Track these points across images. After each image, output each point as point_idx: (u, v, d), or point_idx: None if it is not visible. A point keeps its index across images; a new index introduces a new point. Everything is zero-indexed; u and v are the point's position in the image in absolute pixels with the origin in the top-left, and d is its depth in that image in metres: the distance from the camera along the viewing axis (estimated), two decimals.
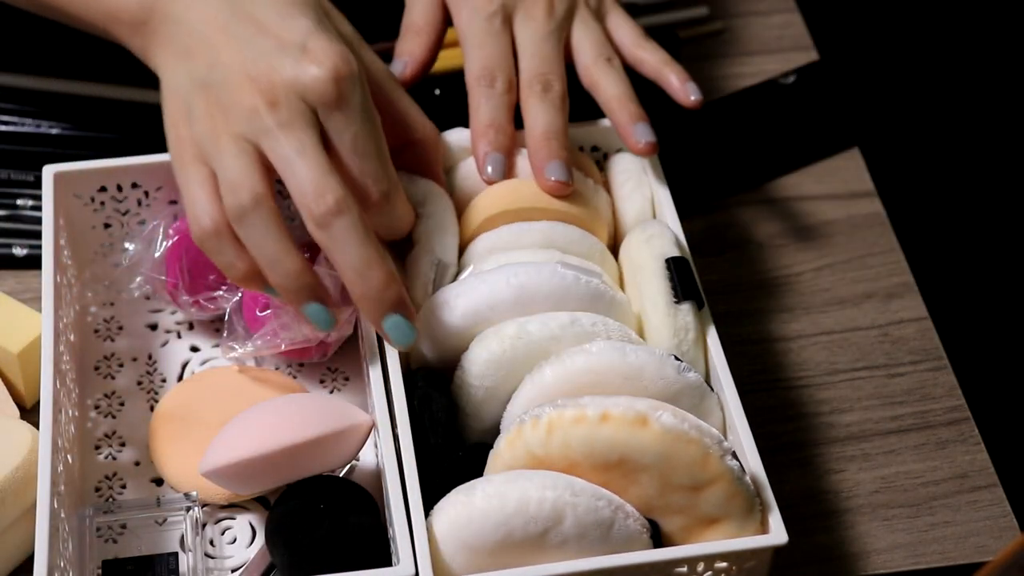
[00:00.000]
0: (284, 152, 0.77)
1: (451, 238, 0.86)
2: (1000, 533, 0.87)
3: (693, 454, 0.75)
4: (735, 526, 0.77)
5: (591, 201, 0.89)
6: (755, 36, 1.16)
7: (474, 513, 0.75)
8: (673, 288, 0.84)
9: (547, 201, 0.88)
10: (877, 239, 1.03)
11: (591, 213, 0.89)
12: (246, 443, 0.80)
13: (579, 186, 0.89)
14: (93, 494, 0.87)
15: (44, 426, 0.79)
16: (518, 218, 0.87)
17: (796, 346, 0.97)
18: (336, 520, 0.80)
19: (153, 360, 0.93)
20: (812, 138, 1.09)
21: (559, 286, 0.82)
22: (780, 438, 0.92)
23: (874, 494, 0.89)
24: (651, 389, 0.79)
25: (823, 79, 1.11)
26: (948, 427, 0.93)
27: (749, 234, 1.03)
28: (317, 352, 0.90)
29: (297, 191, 0.77)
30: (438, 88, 1.07)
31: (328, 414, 0.81)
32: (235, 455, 0.79)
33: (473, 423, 0.83)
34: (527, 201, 0.87)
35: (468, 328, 0.83)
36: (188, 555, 0.82)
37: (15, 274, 0.98)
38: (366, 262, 0.78)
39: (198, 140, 0.79)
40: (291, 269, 0.78)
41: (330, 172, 0.77)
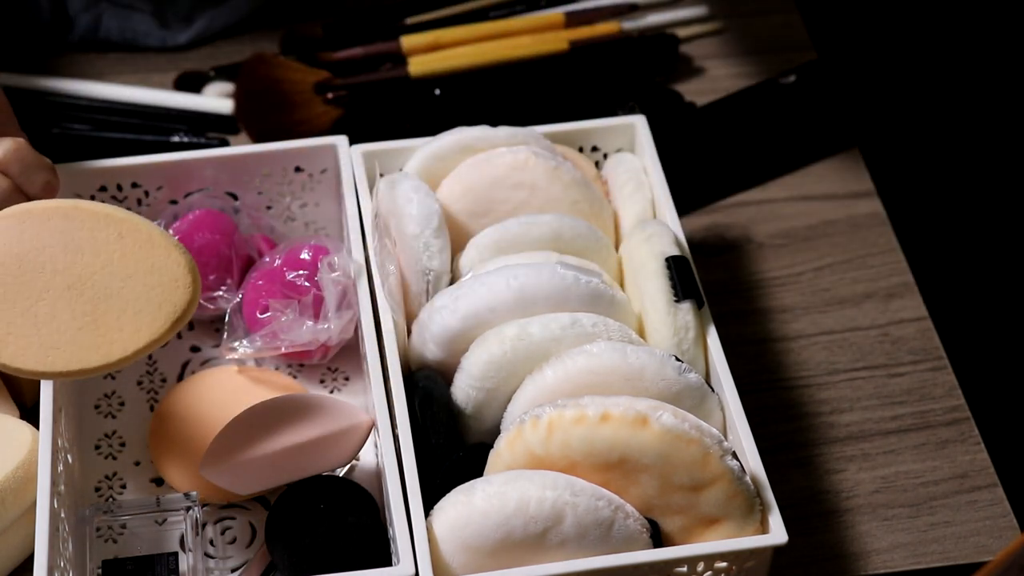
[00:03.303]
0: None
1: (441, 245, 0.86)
2: (1000, 533, 0.87)
3: (693, 454, 0.75)
4: (735, 526, 0.77)
5: (594, 205, 0.90)
6: (755, 36, 1.16)
7: (474, 513, 0.75)
8: (673, 287, 0.84)
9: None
10: (877, 239, 1.03)
11: (595, 214, 0.89)
12: (246, 443, 0.80)
13: (583, 191, 0.89)
14: (93, 494, 0.87)
15: (44, 426, 0.79)
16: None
17: (796, 346, 0.97)
18: (336, 520, 0.80)
19: (153, 360, 0.93)
20: (812, 138, 1.09)
21: (559, 287, 0.82)
22: (780, 438, 0.92)
23: (874, 494, 0.89)
24: (652, 390, 0.79)
25: (823, 79, 1.11)
26: (948, 427, 0.93)
27: (749, 234, 1.03)
28: (317, 353, 0.90)
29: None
30: (438, 88, 1.07)
31: (328, 414, 0.81)
32: (235, 455, 0.79)
33: (473, 424, 0.83)
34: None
35: (469, 330, 0.83)
36: (188, 555, 0.82)
37: None
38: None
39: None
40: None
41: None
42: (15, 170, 0.79)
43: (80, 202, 0.77)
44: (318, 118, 1.05)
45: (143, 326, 0.75)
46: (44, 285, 0.75)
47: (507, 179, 0.89)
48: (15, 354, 0.75)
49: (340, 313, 0.87)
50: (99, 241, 0.76)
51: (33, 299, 0.75)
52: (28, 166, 0.80)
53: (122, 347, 0.75)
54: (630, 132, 0.95)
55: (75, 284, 0.75)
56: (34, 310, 0.75)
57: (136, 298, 0.75)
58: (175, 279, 0.76)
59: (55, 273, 0.75)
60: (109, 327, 0.75)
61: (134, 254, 0.76)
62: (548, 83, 1.09)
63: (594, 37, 1.12)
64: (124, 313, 0.75)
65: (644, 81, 1.11)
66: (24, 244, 0.76)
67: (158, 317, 0.75)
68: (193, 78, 1.10)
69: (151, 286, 0.76)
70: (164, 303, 0.76)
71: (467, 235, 0.89)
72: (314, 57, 1.09)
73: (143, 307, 0.75)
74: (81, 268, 0.75)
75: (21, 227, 0.76)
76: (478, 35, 1.11)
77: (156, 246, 0.76)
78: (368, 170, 0.92)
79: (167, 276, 0.76)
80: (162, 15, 1.12)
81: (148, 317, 0.75)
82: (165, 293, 0.76)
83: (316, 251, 0.90)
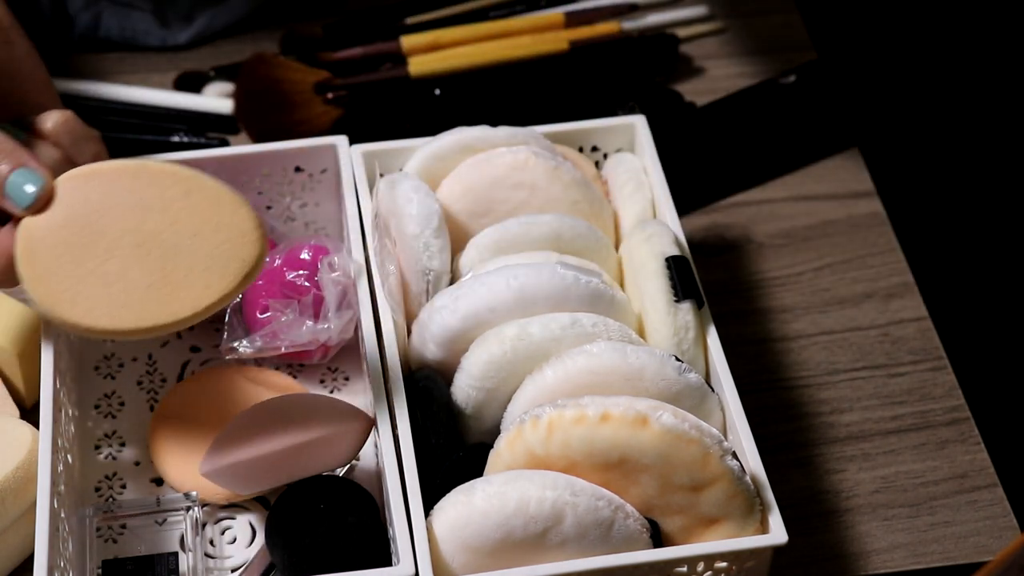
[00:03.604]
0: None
1: (441, 244, 0.86)
2: (1000, 533, 0.87)
3: (693, 454, 0.75)
4: (735, 526, 0.77)
5: (594, 205, 0.90)
6: (755, 36, 1.16)
7: (474, 513, 0.75)
8: (673, 287, 0.84)
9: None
10: (877, 239, 1.03)
11: (595, 215, 0.89)
12: (246, 443, 0.80)
13: (583, 191, 0.89)
14: (93, 494, 0.87)
15: (44, 426, 0.79)
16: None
17: (796, 346, 0.97)
18: (336, 520, 0.80)
19: (153, 360, 0.93)
20: (812, 138, 1.09)
21: (559, 287, 0.82)
22: (780, 438, 0.92)
23: (874, 494, 0.89)
24: (652, 390, 0.79)
25: (823, 79, 1.11)
26: (948, 427, 0.93)
27: (749, 234, 1.03)
28: (317, 353, 0.90)
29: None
30: (438, 88, 1.07)
31: (328, 414, 0.81)
32: (235, 455, 0.79)
33: (473, 424, 0.83)
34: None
35: (468, 330, 0.83)
36: (188, 555, 0.82)
37: None
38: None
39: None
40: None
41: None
42: (66, 141, 0.79)
43: (147, 161, 0.77)
44: (318, 118, 1.05)
45: (213, 282, 0.75)
46: (112, 244, 0.75)
47: (507, 179, 0.89)
48: (85, 313, 0.74)
49: (340, 313, 0.87)
50: (166, 199, 0.75)
51: (101, 258, 0.75)
52: (78, 137, 0.80)
53: (192, 304, 0.74)
54: (630, 132, 0.95)
55: (143, 242, 0.75)
56: (102, 269, 0.74)
57: (205, 254, 0.75)
58: (243, 234, 0.75)
59: (123, 232, 0.75)
60: (179, 284, 0.74)
61: (202, 211, 0.75)
62: (548, 83, 1.09)
63: (594, 37, 1.12)
64: (193, 270, 0.75)
65: (644, 81, 1.11)
66: (91, 204, 0.75)
67: (227, 273, 0.75)
68: (193, 78, 1.10)
69: (219, 242, 0.75)
70: (233, 259, 0.75)
71: (467, 235, 0.89)
72: (314, 57, 1.09)
73: (212, 263, 0.75)
74: (149, 226, 0.75)
75: (87, 188, 0.76)
76: (478, 35, 1.11)
77: (223, 203, 0.76)
78: (368, 170, 0.92)
79: (235, 232, 0.75)
80: (162, 14, 1.12)
81: (217, 273, 0.75)
82: (234, 249, 0.75)
83: (316, 251, 0.90)
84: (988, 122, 1.52)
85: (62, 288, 0.74)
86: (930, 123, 1.51)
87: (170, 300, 0.74)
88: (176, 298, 0.74)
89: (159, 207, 0.75)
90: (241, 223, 0.75)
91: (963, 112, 1.52)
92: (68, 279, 0.74)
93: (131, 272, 0.74)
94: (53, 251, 0.75)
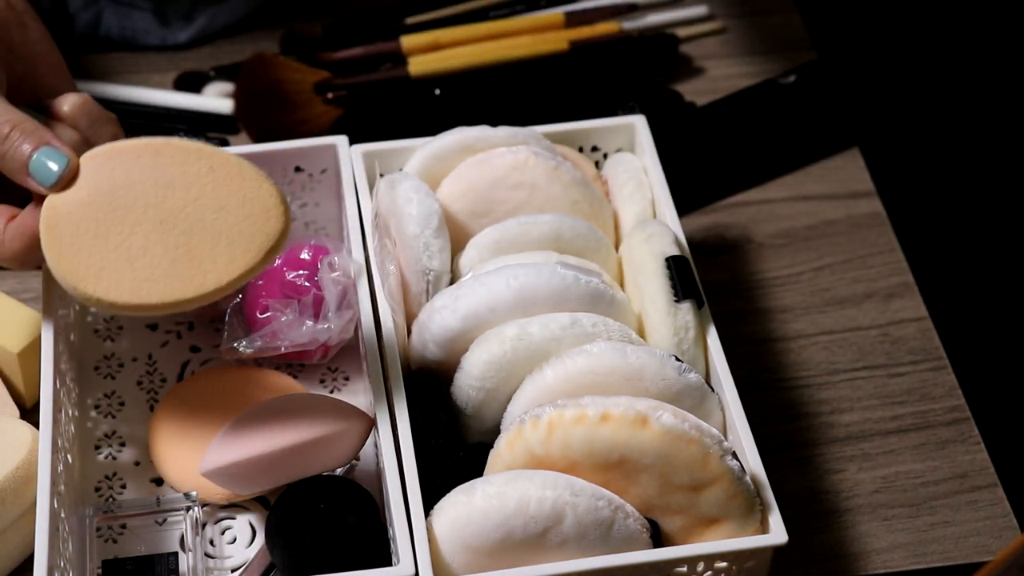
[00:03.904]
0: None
1: (441, 244, 0.86)
2: (1000, 533, 0.87)
3: (693, 454, 0.75)
4: (735, 526, 0.77)
5: (594, 205, 0.90)
6: (755, 36, 1.16)
7: (474, 513, 0.75)
8: (673, 287, 0.84)
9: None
10: (877, 239, 1.03)
11: (595, 215, 0.89)
12: (246, 443, 0.80)
13: (583, 191, 0.89)
14: (93, 494, 0.87)
15: (44, 426, 0.79)
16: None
17: (796, 346, 0.97)
18: (336, 520, 0.80)
19: (153, 360, 0.93)
20: (812, 138, 1.09)
21: (559, 287, 0.82)
22: (780, 438, 0.92)
23: (874, 494, 0.89)
24: (652, 390, 0.79)
25: (823, 79, 1.11)
26: (948, 427, 0.93)
27: (749, 234, 1.03)
28: (317, 353, 0.90)
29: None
30: (438, 88, 1.07)
31: (328, 414, 0.81)
32: (235, 455, 0.79)
33: (473, 423, 0.83)
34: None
35: (468, 330, 0.83)
36: (188, 555, 0.82)
37: (15, 274, 0.98)
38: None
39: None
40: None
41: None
42: (83, 124, 0.79)
43: (169, 138, 0.77)
44: (318, 118, 1.05)
45: (237, 256, 0.75)
46: (136, 220, 0.75)
47: (507, 179, 0.89)
48: (109, 288, 0.74)
49: (340, 313, 0.87)
50: (190, 175, 0.76)
51: (125, 234, 0.74)
52: (95, 119, 0.80)
53: (216, 277, 0.74)
54: (630, 132, 0.95)
55: (167, 218, 0.75)
56: (127, 244, 0.74)
57: (229, 229, 0.75)
58: (267, 209, 0.75)
59: (147, 208, 0.75)
60: (203, 258, 0.74)
61: (225, 186, 0.75)
62: (548, 83, 1.09)
63: (594, 37, 1.12)
64: (217, 244, 0.75)
65: (644, 81, 1.11)
66: (115, 181, 0.75)
67: (251, 247, 0.75)
68: (193, 78, 1.10)
69: (243, 217, 0.75)
70: (257, 233, 0.75)
71: (467, 235, 0.89)
72: (314, 57, 1.09)
73: (236, 238, 0.75)
74: (173, 202, 0.75)
75: (111, 164, 0.76)
76: (478, 35, 1.11)
77: (247, 178, 0.76)
78: (368, 170, 0.92)
79: (259, 207, 0.75)
80: (162, 13, 1.12)
81: (242, 247, 0.75)
82: (258, 223, 0.75)
83: (316, 251, 0.90)
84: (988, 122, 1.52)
85: (86, 264, 0.74)
86: (930, 123, 1.51)
87: (194, 274, 0.74)
88: (200, 272, 0.74)
89: (182, 183, 0.76)
90: (265, 198, 0.75)
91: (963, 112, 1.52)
92: (92, 255, 0.74)
93: (155, 247, 0.75)
94: (77, 227, 0.75)
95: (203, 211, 0.75)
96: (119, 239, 0.75)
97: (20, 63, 0.81)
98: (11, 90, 0.79)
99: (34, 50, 0.82)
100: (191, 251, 0.75)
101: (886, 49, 1.56)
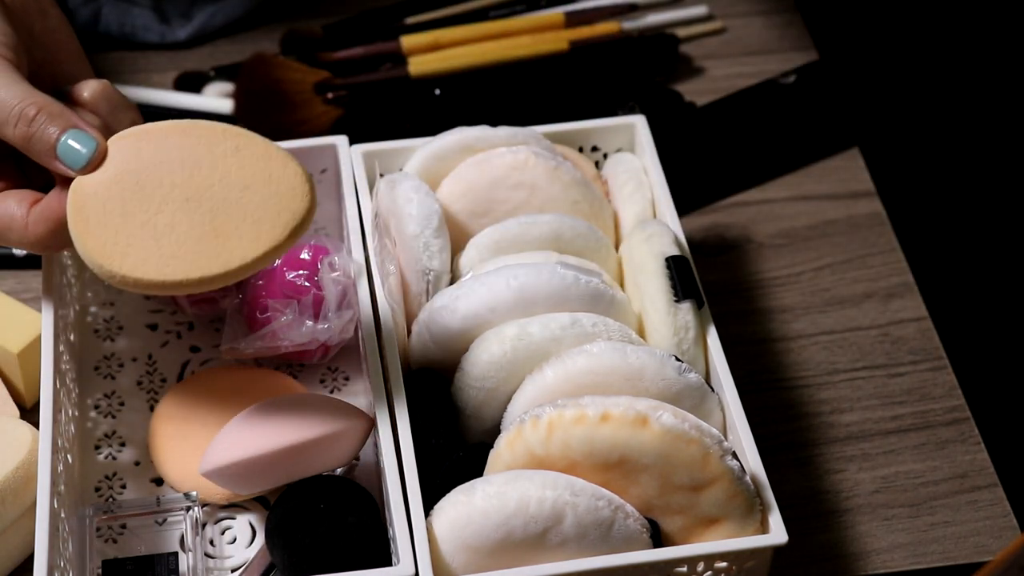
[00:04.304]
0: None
1: (441, 244, 0.86)
2: (1000, 533, 0.87)
3: (693, 454, 0.75)
4: (735, 526, 0.77)
5: (594, 205, 0.90)
6: (755, 36, 1.16)
7: (474, 513, 0.75)
8: (673, 287, 0.84)
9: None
10: (877, 239, 1.03)
11: (595, 214, 0.89)
12: (246, 443, 0.80)
13: (583, 191, 0.89)
14: (93, 494, 0.87)
15: (44, 426, 0.79)
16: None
17: (796, 346, 0.97)
18: (336, 520, 0.80)
19: (153, 360, 0.93)
20: (812, 138, 1.09)
21: (559, 287, 0.82)
22: (780, 438, 0.92)
23: (874, 494, 0.89)
24: (652, 390, 0.79)
25: (823, 79, 1.11)
26: (948, 427, 0.93)
27: (749, 234, 1.03)
28: (317, 353, 0.90)
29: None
30: (438, 88, 1.07)
31: (328, 414, 0.81)
32: (235, 455, 0.79)
33: (473, 423, 0.83)
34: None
35: (469, 330, 0.83)
36: (188, 555, 0.82)
37: (15, 274, 0.98)
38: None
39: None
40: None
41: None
42: (104, 109, 0.79)
43: (197, 120, 0.77)
44: (318, 118, 1.05)
45: (262, 234, 0.74)
46: (162, 198, 0.75)
47: (507, 179, 0.89)
48: (135, 265, 0.74)
49: (340, 313, 0.87)
50: (216, 155, 0.76)
51: (152, 212, 0.74)
52: (116, 106, 0.80)
53: (241, 254, 0.74)
54: (630, 132, 0.95)
55: (193, 196, 0.75)
56: (152, 222, 0.74)
57: (255, 207, 0.75)
58: (292, 188, 0.75)
59: (173, 187, 0.75)
60: (228, 236, 0.74)
61: (251, 166, 0.75)
62: (548, 83, 1.09)
63: (594, 37, 1.12)
64: (243, 222, 0.74)
65: (644, 81, 1.11)
66: (142, 161, 0.75)
67: (277, 225, 0.74)
68: (193, 78, 1.10)
69: (269, 195, 0.75)
70: (283, 211, 0.75)
71: (467, 235, 0.89)
72: (314, 57, 1.09)
73: (262, 216, 0.75)
74: (199, 180, 0.75)
75: (138, 145, 0.76)
76: (478, 35, 1.11)
77: (273, 158, 0.76)
78: (368, 170, 0.92)
79: (285, 185, 0.75)
80: (161, 10, 1.12)
81: (267, 225, 0.74)
82: (283, 202, 0.75)
83: (316, 251, 0.90)
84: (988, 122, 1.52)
85: (112, 242, 0.74)
86: (930, 123, 1.51)
87: (220, 251, 0.74)
88: (226, 249, 0.74)
89: (209, 162, 0.76)
90: (291, 177, 0.75)
91: (963, 112, 1.52)
92: (117, 233, 0.74)
93: (181, 225, 0.74)
94: (103, 206, 0.75)
95: (229, 190, 0.75)
96: (145, 217, 0.74)
97: (40, 50, 0.81)
98: (31, 77, 0.78)
99: (54, 37, 0.82)
100: (217, 229, 0.74)
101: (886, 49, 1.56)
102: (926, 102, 1.52)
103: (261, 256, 0.74)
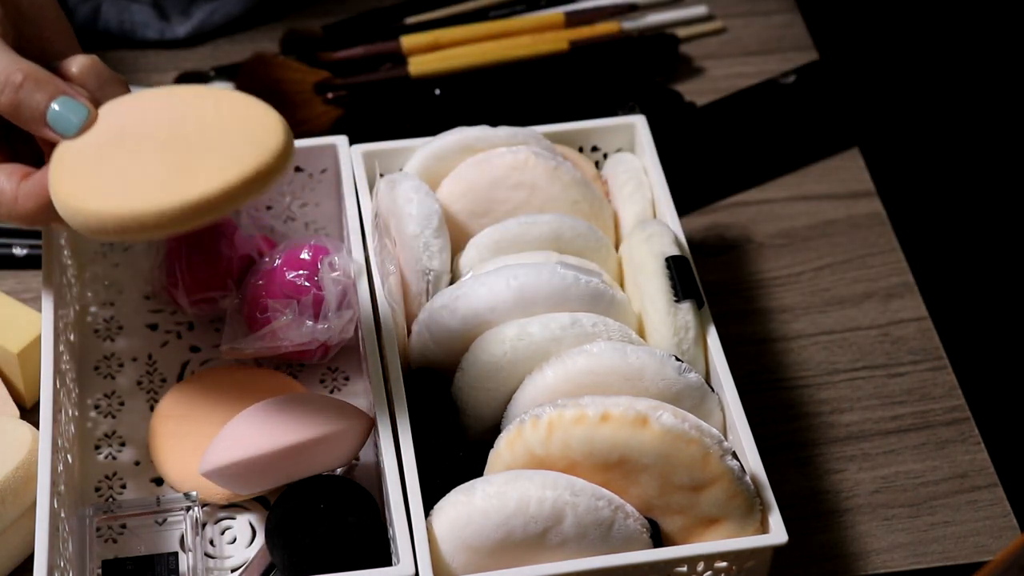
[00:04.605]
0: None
1: (441, 244, 0.86)
2: (1000, 533, 0.87)
3: (693, 454, 0.75)
4: (735, 526, 0.77)
5: (594, 205, 0.90)
6: (755, 36, 1.16)
7: (474, 513, 0.75)
8: (673, 287, 0.84)
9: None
10: (877, 239, 1.03)
11: (595, 214, 0.89)
12: (246, 443, 0.80)
13: (583, 191, 0.89)
14: (93, 494, 0.87)
15: (44, 426, 0.79)
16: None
17: (796, 346, 0.97)
18: (336, 520, 0.80)
19: (153, 360, 0.93)
20: (812, 138, 1.09)
21: (559, 287, 0.82)
22: (780, 438, 0.92)
23: (874, 494, 0.89)
24: (652, 390, 0.79)
25: (823, 79, 1.11)
26: (948, 427, 0.93)
27: (749, 234, 1.03)
28: (317, 353, 0.90)
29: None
30: (438, 88, 1.07)
31: (328, 414, 0.81)
32: (235, 455, 0.79)
33: (473, 423, 0.83)
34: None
35: (469, 330, 0.83)
36: (188, 555, 0.82)
37: (15, 274, 0.98)
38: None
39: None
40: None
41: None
42: (92, 84, 0.79)
43: (187, 85, 0.77)
44: (318, 118, 1.05)
45: (228, 168, 0.73)
46: (139, 147, 0.75)
47: (507, 179, 0.89)
48: (99, 201, 0.73)
49: (340, 313, 0.87)
50: (198, 111, 0.76)
51: (127, 160, 0.74)
52: (104, 81, 0.80)
53: (204, 187, 0.72)
54: (630, 132, 0.95)
55: (170, 142, 0.75)
56: (126, 167, 0.74)
57: (226, 147, 0.74)
58: (266, 129, 0.74)
59: (152, 138, 0.75)
60: (196, 172, 0.73)
61: (231, 116, 0.75)
62: (548, 83, 1.09)
63: (594, 37, 1.12)
64: (212, 159, 0.73)
65: (644, 81, 1.11)
66: (127, 118, 0.76)
67: (244, 159, 0.73)
68: (193, 78, 1.10)
69: (242, 136, 0.74)
70: (254, 149, 0.73)
71: (467, 235, 0.89)
72: (314, 57, 1.09)
73: (230, 152, 0.73)
74: (179, 131, 0.75)
75: (122, 109, 0.76)
76: (478, 35, 1.11)
77: (252, 107, 0.75)
78: (368, 170, 0.92)
79: (259, 128, 0.74)
80: (161, 7, 1.12)
81: (234, 160, 0.73)
82: (256, 141, 0.74)
83: (316, 251, 0.90)
84: (988, 122, 1.52)
85: (83, 186, 0.74)
86: (930, 123, 1.51)
87: (184, 185, 0.73)
88: (190, 183, 0.73)
89: (191, 117, 0.75)
90: (267, 121, 0.74)
91: (963, 112, 1.52)
92: (89, 177, 0.74)
93: (152, 165, 0.74)
94: (81, 156, 0.75)
95: (204, 134, 0.74)
96: (121, 163, 0.74)
97: (28, 25, 0.81)
98: (19, 52, 0.78)
99: (42, 13, 0.82)
100: (186, 166, 0.73)
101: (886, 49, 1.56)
102: (926, 102, 1.52)
103: (225, 190, 0.72)
